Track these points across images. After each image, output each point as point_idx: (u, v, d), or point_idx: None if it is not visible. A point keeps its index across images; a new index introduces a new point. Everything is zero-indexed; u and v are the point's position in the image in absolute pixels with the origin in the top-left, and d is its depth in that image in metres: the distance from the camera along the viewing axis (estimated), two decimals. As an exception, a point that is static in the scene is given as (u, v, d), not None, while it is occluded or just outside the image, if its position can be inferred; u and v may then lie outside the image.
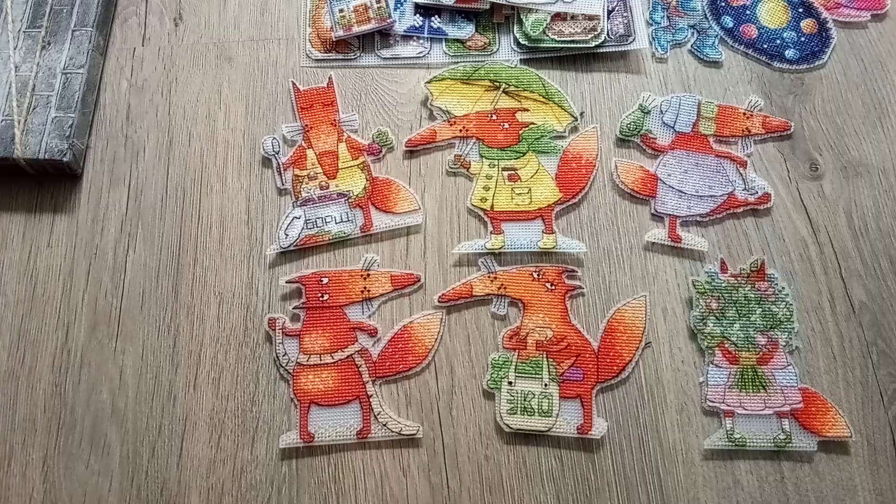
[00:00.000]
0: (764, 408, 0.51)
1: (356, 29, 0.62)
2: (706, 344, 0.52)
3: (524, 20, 0.61)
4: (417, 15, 0.63)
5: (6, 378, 0.52)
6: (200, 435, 0.51)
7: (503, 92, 0.61)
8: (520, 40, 0.62)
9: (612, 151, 0.59)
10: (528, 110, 0.60)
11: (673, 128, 0.59)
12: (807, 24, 0.64)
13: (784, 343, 0.52)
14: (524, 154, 0.58)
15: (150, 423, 0.51)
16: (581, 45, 0.62)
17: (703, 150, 0.59)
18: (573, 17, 0.62)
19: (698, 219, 0.57)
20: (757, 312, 0.53)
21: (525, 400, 0.51)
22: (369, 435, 0.50)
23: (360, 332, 0.53)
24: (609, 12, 0.63)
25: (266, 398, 0.52)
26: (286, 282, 0.54)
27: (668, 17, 0.65)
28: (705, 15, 0.65)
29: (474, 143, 0.59)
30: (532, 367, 0.52)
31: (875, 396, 0.52)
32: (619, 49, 0.62)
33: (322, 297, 0.54)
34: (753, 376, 0.51)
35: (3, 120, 0.57)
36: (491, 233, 0.56)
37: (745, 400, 0.51)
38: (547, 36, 0.61)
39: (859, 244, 0.56)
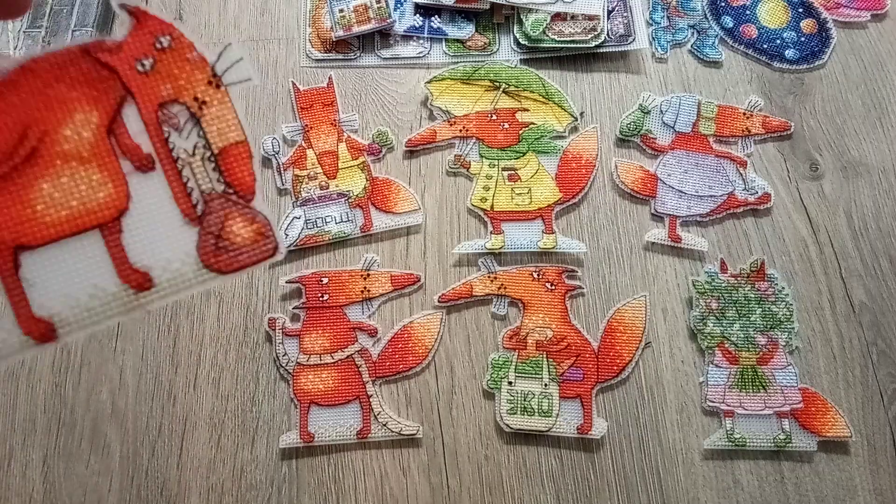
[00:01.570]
0: (764, 408, 0.51)
1: (356, 29, 0.62)
2: (706, 344, 0.52)
3: (524, 20, 0.61)
4: (417, 15, 0.63)
5: (6, 378, 0.52)
6: (200, 435, 0.51)
7: (503, 92, 0.61)
8: (520, 40, 0.62)
9: (612, 151, 0.59)
10: (528, 110, 0.60)
11: (673, 128, 0.59)
12: (807, 24, 0.64)
13: (784, 343, 0.52)
14: (524, 154, 0.58)
15: (150, 423, 0.51)
16: (581, 45, 0.62)
17: (703, 150, 0.59)
18: (573, 17, 0.62)
19: (698, 219, 0.57)
20: (757, 312, 0.53)
21: (525, 400, 0.51)
22: (369, 435, 0.50)
23: (360, 332, 0.53)
24: (609, 12, 0.63)
25: (266, 398, 0.52)
26: (286, 282, 0.54)
27: (668, 17, 0.65)
28: (705, 15, 0.65)
29: (474, 143, 0.59)
30: (532, 367, 0.52)
31: (875, 396, 0.52)
32: (619, 49, 0.62)
33: (322, 297, 0.54)
34: (753, 376, 0.51)
35: None
36: (491, 233, 0.56)
37: (745, 400, 0.51)
38: (547, 36, 0.61)
39: (859, 244, 0.56)
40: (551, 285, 0.54)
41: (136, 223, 0.25)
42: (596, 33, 0.61)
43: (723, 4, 0.65)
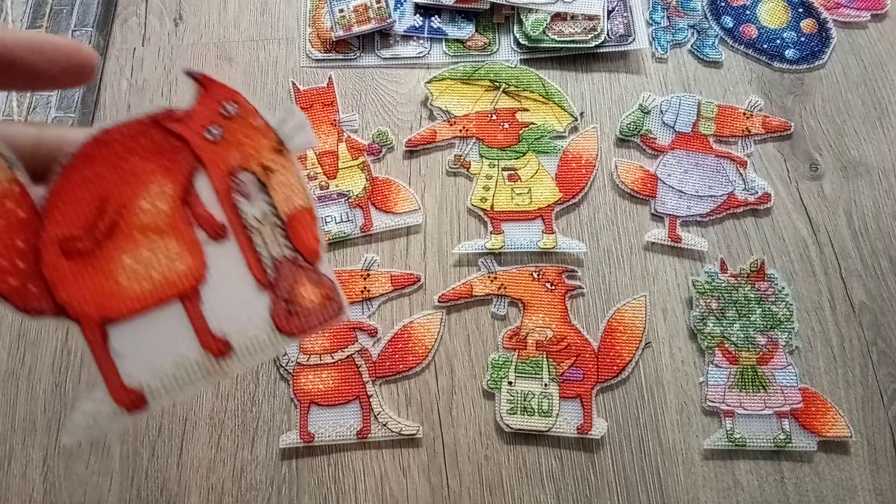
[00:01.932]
0: (764, 408, 0.51)
1: (356, 29, 0.62)
2: (706, 344, 0.52)
3: (524, 20, 0.61)
4: (417, 15, 0.63)
5: (6, 378, 0.52)
6: (200, 435, 0.51)
7: (503, 92, 0.61)
8: (520, 40, 0.62)
9: (612, 151, 0.59)
10: (528, 110, 0.60)
11: (673, 128, 0.59)
12: (807, 24, 0.64)
13: (784, 343, 0.52)
14: (524, 154, 0.58)
15: (150, 422, 0.51)
16: (581, 45, 0.62)
17: (703, 150, 0.59)
18: (573, 17, 0.62)
19: (698, 219, 0.57)
20: (757, 312, 0.53)
21: (525, 400, 0.51)
22: (369, 435, 0.50)
23: (360, 332, 0.53)
24: (609, 12, 0.63)
25: (266, 398, 0.52)
26: (286, 282, 0.54)
27: (667, 16, 0.65)
28: (705, 15, 0.65)
29: (474, 143, 0.59)
30: (532, 367, 0.52)
31: (875, 396, 0.52)
32: (619, 49, 0.62)
33: (322, 297, 0.54)
34: (753, 376, 0.51)
35: (3, 120, 0.57)
36: (491, 233, 0.56)
37: (745, 400, 0.51)
38: (547, 36, 0.61)
39: (859, 244, 0.56)
40: (551, 285, 0.54)
41: (214, 292, 0.25)
42: (596, 33, 0.61)
43: (723, 4, 0.65)
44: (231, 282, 0.26)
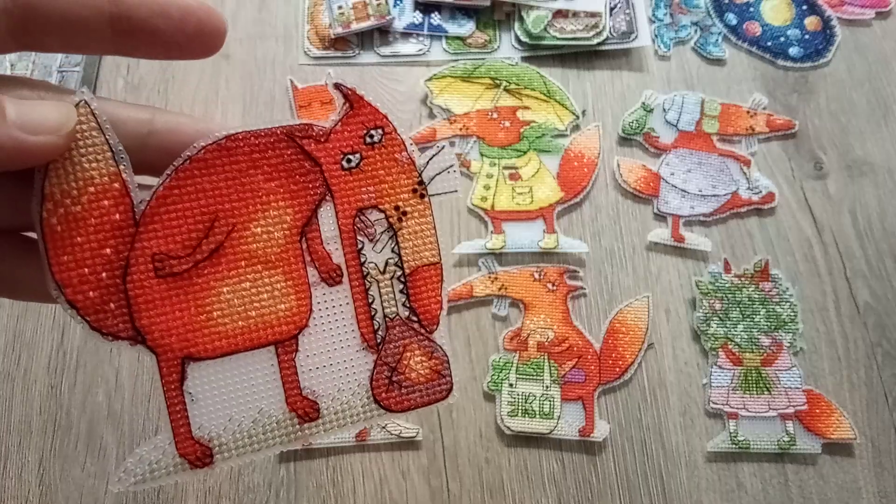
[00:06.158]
0: (768, 410, 0.50)
1: (355, 26, 0.61)
2: (710, 345, 0.52)
3: (525, 17, 0.61)
4: (417, 12, 0.63)
5: (2, 380, 0.52)
6: (198, 437, 0.50)
7: (504, 90, 0.60)
8: (521, 38, 0.61)
9: (614, 150, 0.59)
10: (529, 108, 0.59)
11: (676, 126, 0.59)
12: (811, 22, 0.64)
13: (788, 344, 0.52)
14: (525, 153, 0.58)
15: (147, 424, 0.51)
16: (583, 43, 0.61)
17: (707, 149, 0.58)
18: (575, 14, 0.61)
19: (702, 218, 0.56)
20: (761, 313, 0.52)
21: (526, 402, 0.50)
22: (368, 437, 0.50)
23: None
24: (611, 9, 0.62)
25: (264, 400, 0.51)
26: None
27: (670, 14, 0.64)
28: (708, 12, 0.64)
29: (475, 141, 0.58)
30: (533, 368, 0.51)
31: (880, 398, 0.51)
32: (622, 47, 0.61)
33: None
34: (757, 378, 0.51)
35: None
36: (491, 233, 0.55)
37: (749, 402, 0.50)
38: (548, 33, 0.61)
39: (864, 244, 0.56)
40: (553, 286, 0.53)
41: (313, 343, 0.22)
42: (598, 30, 0.61)
43: (726, 1, 0.64)
44: (334, 335, 0.22)
